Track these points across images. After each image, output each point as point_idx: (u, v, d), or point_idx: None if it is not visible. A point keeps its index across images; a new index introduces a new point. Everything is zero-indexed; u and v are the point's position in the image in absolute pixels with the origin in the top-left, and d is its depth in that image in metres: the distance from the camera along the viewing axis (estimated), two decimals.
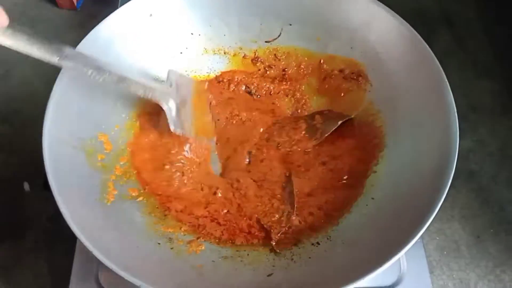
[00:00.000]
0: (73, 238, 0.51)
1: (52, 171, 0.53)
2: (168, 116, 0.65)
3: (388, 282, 0.65)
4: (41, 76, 0.97)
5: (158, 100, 0.64)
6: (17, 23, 1.04)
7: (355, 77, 0.72)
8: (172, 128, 0.65)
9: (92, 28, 0.66)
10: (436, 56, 0.63)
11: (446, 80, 0.60)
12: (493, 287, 0.77)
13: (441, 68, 0.61)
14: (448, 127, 0.57)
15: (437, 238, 0.81)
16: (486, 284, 0.78)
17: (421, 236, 0.54)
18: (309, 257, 0.58)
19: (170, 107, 0.65)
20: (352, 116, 0.70)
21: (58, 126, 0.58)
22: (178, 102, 0.66)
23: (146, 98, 0.63)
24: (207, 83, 0.75)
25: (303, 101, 0.77)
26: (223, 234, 0.63)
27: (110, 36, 0.67)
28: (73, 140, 0.60)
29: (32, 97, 0.95)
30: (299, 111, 0.77)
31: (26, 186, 0.78)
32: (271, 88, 0.77)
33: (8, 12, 0.53)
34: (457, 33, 1.08)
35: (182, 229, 0.62)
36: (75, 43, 1.02)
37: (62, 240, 0.77)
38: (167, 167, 0.67)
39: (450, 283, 0.78)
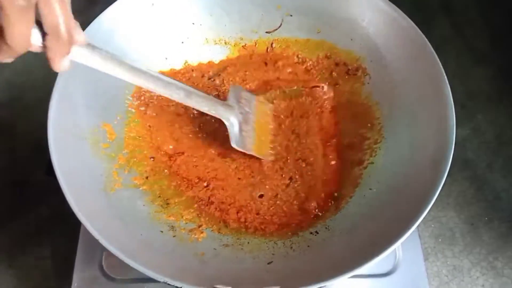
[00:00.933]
0: (74, 223, 0.52)
1: (58, 161, 0.54)
2: (229, 132, 0.65)
3: (384, 269, 0.66)
4: (41, 64, 0.97)
5: (221, 115, 0.64)
6: None
7: (353, 73, 0.73)
8: (233, 144, 0.65)
9: (92, 13, 0.66)
10: (434, 43, 0.63)
11: (444, 72, 0.60)
12: (486, 273, 0.79)
13: (438, 61, 0.61)
14: (445, 119, 0.57)
15: (433, 225, 0.83)
16: (479, 270, 0.79)
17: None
18: (308, 246, 0.59)
19: (232, 123, 0.65)
20: None
21: (63, 116, 0.58)
22: (241, 118, 0.67)
23: (209, 113, 0.63)
24: (271, 105, 0.74)
25: None
26: (216, 209, 0.66)
27: (112, 25, 0.67)
28: (77, 129, 0.61)
29: (32, 84, 0.96)
30: None
31: None
32: None
33: None
34: (455, 20, 1.08)
35: (184, 217, 0.63)
36: None
37: (64, 224, 0.78)
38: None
39: (444, 270, 0.79)
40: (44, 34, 0.43)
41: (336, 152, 0.70)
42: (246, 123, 0.67)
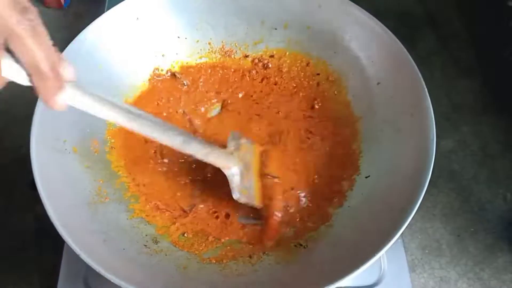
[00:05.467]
0: (60, 237, 0.52)
1: (40, 176, 0.54)
2: (231, 183, 0.61)
3: (370, 281, 0.66)
4: None
5: (221, 165, 0.60)
6: None
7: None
8: (235, 196, 0.61)
9: (79, 27, 0.67)
10: (420, 55, 0.64)
11: (424, 86, 0.61)
12: (473, 285, 0.79)
13: (419, 74, 0.62)
14: (426, 132, 0.58)
15: (419, 237, 0.83)
16: (465, 282, 0.80)
17: (402, 236, 0.56)
18: (292, 258, 0.60)
19: (233, 172, 0.61)
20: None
21: (46, 131, 0.59)
22: (242, 167, 0.62)
23: (208, 162, 0.59)
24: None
25: None
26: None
27: (97, 39, 0.68)
28: (62, 144, 0.61)
29: (20, 96, 0.95)
30: None
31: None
32: None
33: None
34: (440, 33, 1.09)
35: (169, 229, 0.64)
36: (62, 43, 1.03)
37: (49, 239, 0.78)
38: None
39: (431, 281, 0.79)
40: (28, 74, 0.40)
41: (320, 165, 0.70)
42: (247, 172, 0.63)
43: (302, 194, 0.67)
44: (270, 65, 0.77)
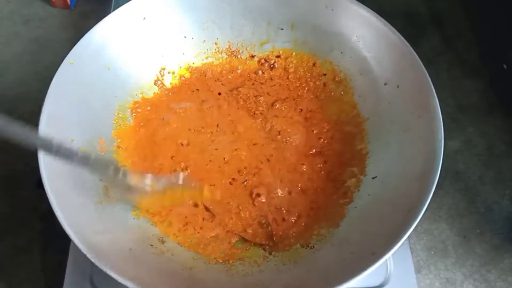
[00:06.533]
0: (66, 236, 0.52)
1: (47, 175, 0.54)
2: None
3: (376, 282, 0.66)
4: (35, 75, 0.97)
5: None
6: (10, 22, 1.05)
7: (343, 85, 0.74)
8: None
9: (86, 27, 0.67)
10: (426, 56, 0.64)
11: (432, 86, 0.61)
12: (479, 286, 0.79)
13: (427, 74, 0.62)
14: (434, 132, 0.58)
15: (425, 238, 0.83)
16: (471, 283, 0.79)
17: (408, 237, 0.55)
18: (298, 259, 0.60)
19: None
20: None
21: (53, 130, 0.59)
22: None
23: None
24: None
25: None
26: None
27: (103, 39, 0.68)
28: (68, 143, 0.61)
29: (26, 95, 0.95)
30: None
31: None
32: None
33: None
34: (445, 33, 1.09)
35: (175, 231, 0.63)
36: (68, 42, 1.03)
37: (56, 238, 0.77)
38: None
39: (437, 283, 0.79)
40: None
41: (326, 166, 0.70)
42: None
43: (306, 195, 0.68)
44: (276, 65, 0.77)
